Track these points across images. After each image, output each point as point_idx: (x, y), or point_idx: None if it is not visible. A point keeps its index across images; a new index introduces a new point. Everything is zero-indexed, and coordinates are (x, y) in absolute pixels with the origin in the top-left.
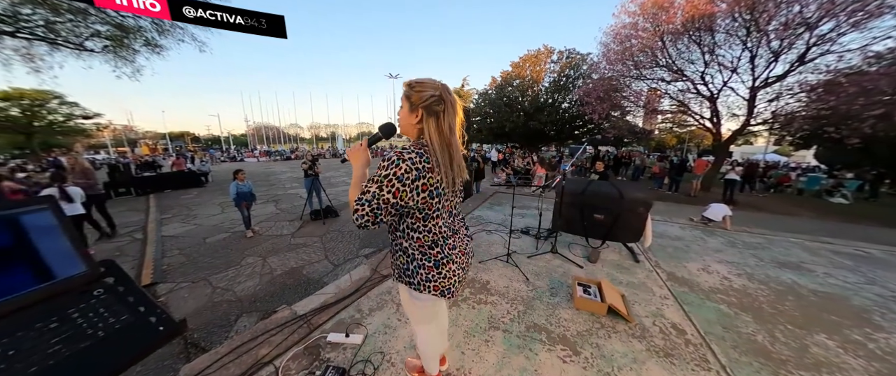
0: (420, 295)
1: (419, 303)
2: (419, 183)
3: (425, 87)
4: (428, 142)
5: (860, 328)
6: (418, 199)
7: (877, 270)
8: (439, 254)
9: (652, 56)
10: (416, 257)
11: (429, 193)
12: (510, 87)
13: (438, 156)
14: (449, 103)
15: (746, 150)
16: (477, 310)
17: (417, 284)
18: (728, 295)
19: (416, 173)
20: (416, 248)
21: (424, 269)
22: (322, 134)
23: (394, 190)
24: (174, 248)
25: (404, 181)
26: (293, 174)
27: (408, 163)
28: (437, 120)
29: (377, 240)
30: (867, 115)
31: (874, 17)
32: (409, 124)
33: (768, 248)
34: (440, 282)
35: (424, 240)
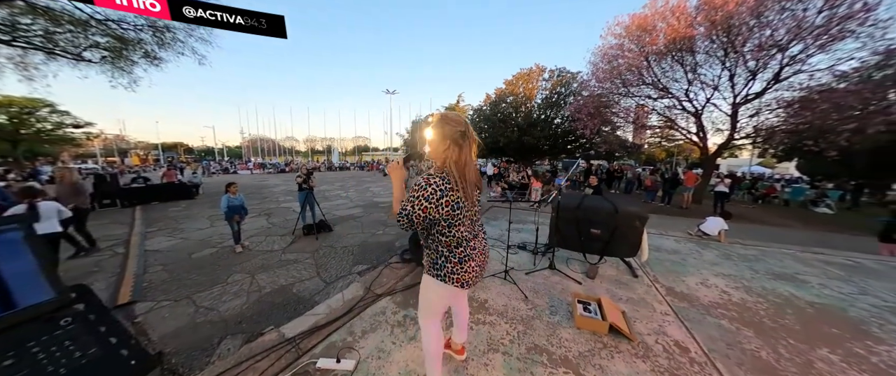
0: (444, 284)
1: (440, 292)
2: (443, 200)
3: (455, 123)
4: (450, 167)
5: (860, 340)
6: (443, 213)
7: (869, 280)
8: (462, 253)
9: (638, 74)
10: (444, 253)
11: (451, 207)
12: (504, 104)
13: (457, 178)
14: (469, 137)
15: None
16: (475, 331)
17: (444, 276)
18: (728, 310)
19: (440, 193)
20: (446, 248)
21: (451, 263)
22: (318, 147)
23: (423, 207)
24: (157, 264)
25: (430, 200)
26: (287, 187)
27: (433, 186)
28: (459, 150)
29: (371, 256)
30: (842, 129)
31: (837, 40)
32: (439, 149)
33: (763, 260)
34: (462, 274)
35: (451, 241)
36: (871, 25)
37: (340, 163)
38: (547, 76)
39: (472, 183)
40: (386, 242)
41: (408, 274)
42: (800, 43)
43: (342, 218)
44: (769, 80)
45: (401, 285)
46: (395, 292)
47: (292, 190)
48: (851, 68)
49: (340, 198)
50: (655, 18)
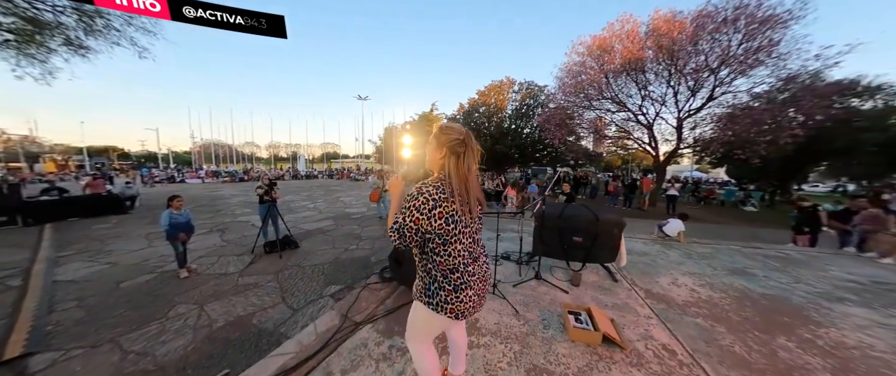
0: (436, 315)
1: (430, 321)
2: (435, 211)
3: (452, 132)
4: (447, 176)
5: (805, 326)
6: (436, 226)
7: (798, 270)
8: (458, 279)
9: (599, 89)
10: (437, 278)
11: (445, 220)
12: (477, 114)
13: (455, 188)
14: (470, 147)
15: (676, 169)
16: (470, 356)
17: (435, 305)
18: (700, 308)
19: (432, 203)
20: (439, 271)
21: (444, 291)
22: (282, 153)
23: (414, 218)
24: (70, 299)
25: (422, 210)
26: (245, 198)
27: (424, 195)
28: (457, 159)
29: (345, 275)
30: (760, 141)
31: (752, 67)
32: (435, 158)
33: (717, 257)
34: (457, 305)
35: (446, 264)
36: (776, 57)
37: (307, 170)
38: (517, 88)
39: (473, 196)
40: (361, 258)
41: (389, 295)
42: (726, 68)
43: (310, 232)
44: (705, 98)
45: (382, 309)
46: (377, 318)
47: (251, 201)
48: (763, 90)
49: (307, 209)
50: (613, 40)
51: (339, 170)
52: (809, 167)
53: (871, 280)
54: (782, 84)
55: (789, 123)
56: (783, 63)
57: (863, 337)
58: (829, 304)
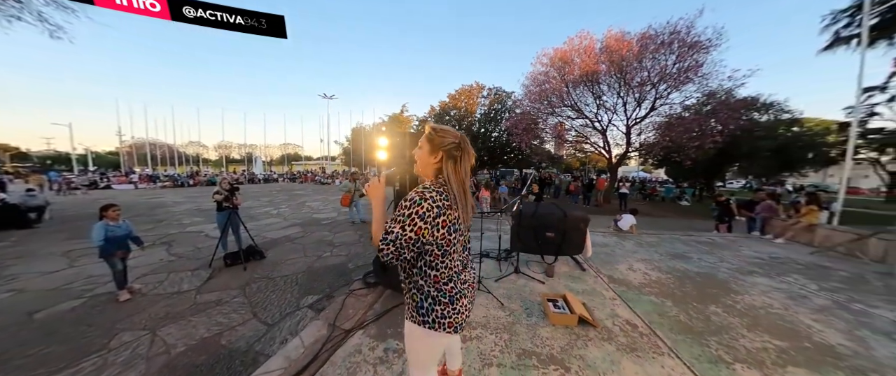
0: (434, 333)
1: (430, 342)
2: (440, 220)
3: (447, 135)
4: (447, 181)
5: (728, 295)
6: (438, 235)
7: (722, 252)
8: (453, 290)
9: (560, 97)
10: (431, 294)
11: (447, 229)
12: (448, 117)
13: (456, 195)
14: (466, 151)
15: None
16: (465, 349)
17: (432, 322)
18: (652, 287)
19: (437, 210)
20: (433, 285)
21: (440, 305)
22: (235, 155)
23: (416, 228)
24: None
25: (426, 219)
26: (193, 205)
27: (429, 201)
28: (455, 163)
29: (322, 284)
30: (690, 145)
31: (684, 83)
32: (428, 163)
33: (662, 245)
34: (454, 317)
35: (441, 276)
36: (700, 76)
37: (265, 173)
38: (486, 93)
39: (469, 202)
40: (337, 266)
41: (376, 299)
42: (664, 83)
43: (276, 240)
44: (648, 108)
45: (371, 314)
46: (367, 324)
47: (200, 209)
48: (692, 103)
49: (270, 216)
50: (572, 53)
51: (303, 173)
52: (726, 167)
53: (770, 256)
54: (705, 99)
55: (711, 131)
56: (705, 81)
57: (765, 299)
58: (743, 277)
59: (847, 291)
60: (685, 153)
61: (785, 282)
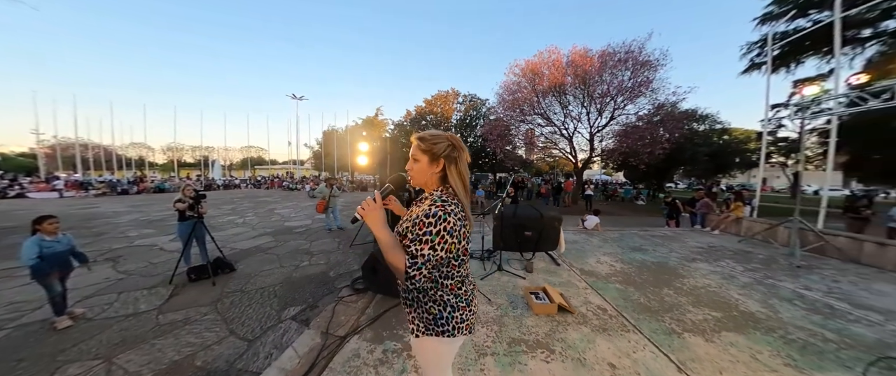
0: (454, 339)
1: (449, 348)
2: (462, 231)
3: (441, 139)
4: (455, 187)
5: (678, 279)
6: (460, 247)
7: (671, 244)
8: (468, 293)
9: (531, 106)
10: (450, 302)
11: (466, 239)
12: (424, 121)
13: (463, 200)
14: (460, 148)
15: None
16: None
17: (452, 329)
18: (617, 276)
19: (460, 223)
20: (451, 293)
21: (459, 311)
22: (187, 158)
23: (447, 246)
24: None
25: (454, 234)
26: (140, 215)
27: (453, 215)
28: (456, 165)
29: (303, 294)
30: (644, 152)
31: (637, 96)
32: (431, 174)
33: (623, 240)
34: (471, 318)
35: (456, 284)
36: (651, 90)
37: (224, 179)
38: (461, 100)
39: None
40: (317, 274)
41: (368, 304)
42: (621, 96)
43: (246, 251)
44: (608, 117)
45: (365, 319)
46: (362, 328)
47: (149, 219)
48: (644, 114)
49: (235, 225)
50: (542, 66)
51: (269, 179)
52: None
53: (708, 245)
54: (655, 110)
55: (660, 139)
56: (655, 95)
57: (705, 280)
58: (688, 263)
59: (763, 270)
60: (640, 158)
61: (719, 265)
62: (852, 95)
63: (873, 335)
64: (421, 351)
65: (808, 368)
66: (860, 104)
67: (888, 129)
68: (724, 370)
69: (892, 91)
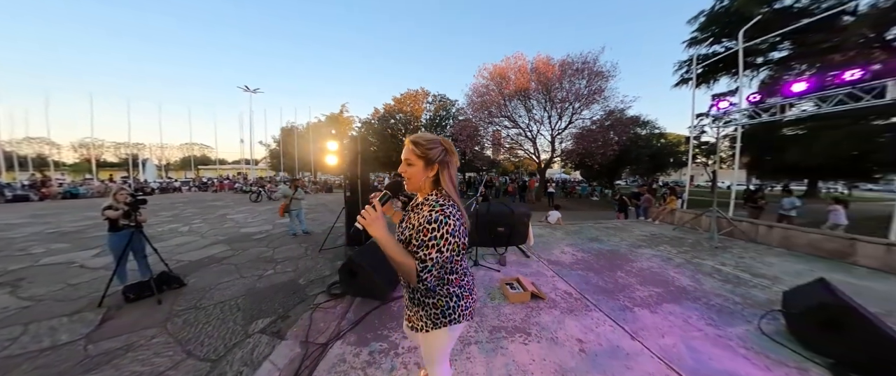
0: (458, 326)
1: (452, 335)
2: (462, 228)
3: (435, 144)
4: (447, 190)
5: (628, 263)
6: (461, 244)
7: (621, 233)
8: (469, 283)
9: (499, 108)
10: (455, 293)
11: (465, 236)
12: (393, 120)
13: (456, 200)
14: (451, 152)
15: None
16: None
17: (458, 317)
18: (579, 264)
19: (459, 223)
20: (455, 286)
21: (463, 300)
22: (109, 157)
23: (451, 246)
24: None
25: (455, 234)
26: (44, 227)
27: (453, 218)
28: (448, 169)
29: (271, 305)
30: (597, 152)
31: (592, 102)
32: (426, 177)
33: (582, 232)
34: (472, 304)
35: (459, 277)
36: (603, 98)
37: (160, 181)
38: (431, 99)
39: None
40: (285, 283)
41: (347, 309)
42: (578, 102)
43: (197, 263)
44: (567, 121)
45: (346, 324)
46: (343, 333)
47: (58, 232)
48: (597, 119)
49: (180, 234)
50: (508, 70)
51: (217, 180)
52: (622, 169)
53: (651, 234)
54: (606, 116)
55: (611, 142)
56: (606, 102)
57: (649, 263)
58: (636, 249)
59: (691, 252)
60: (594, 158)
61: (659, 250)
62: (750, 110)
63: (764, 295)
64: (428, 344)
65: (722, 325)
66: (756, 117)
67: (775, 137)
68: (666, 334)
69: (775, 108)
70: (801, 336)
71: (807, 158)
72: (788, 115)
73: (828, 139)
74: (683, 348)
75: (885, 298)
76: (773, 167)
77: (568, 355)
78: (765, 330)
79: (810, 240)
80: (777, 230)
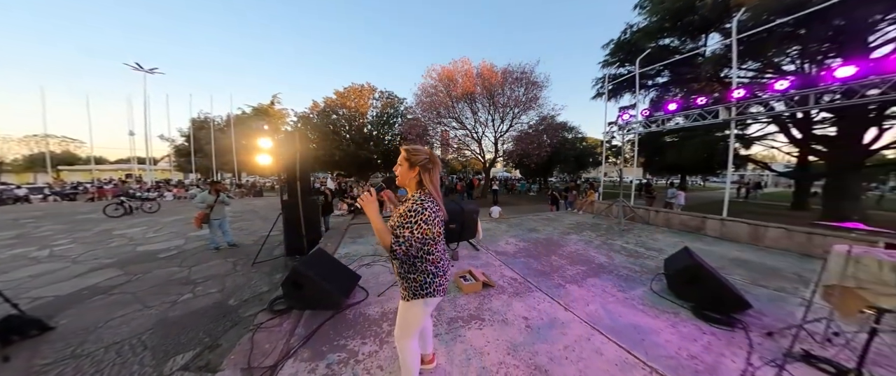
0: (432, 299)
1: (426, 309)
2: (435, 219)
3: (420, 153)
4: (429, 189)
5: (560, 248)
6: (435, 232)
7: (554, 223)
8: (444, 265)
9: (447, 109)
10: (431, 271)
11: (440, 225)
12: (336, 115)
13: (436, 197)
14: (434, 162)
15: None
16: None
17: (433, 291)
18: (521, 253)
19: (433, 214)
20: (433, 265)
21: (437, 278)
22: None
23: (423, 230)
24: None
25: (429, 222)
26: None
27: (429, 210)
28: (430, 174)
29: (192, 334)
30: (533, 154)
31: (529, 109)
32: (410, 177)
33: (522, 224)
34: (444, 283)
35: (436, 258)
36: (538, 105)
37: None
38: (377, 96)
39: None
40: (209, 307)
41: (296, 324)
42: (518, 107)
43: (69, 298)
44: (508, 125)
45: (296, 339)
46: (295, 350)
47: None
48: (533, 123)
49: (35, 261)
50: (456, 73)
51: (95, 185)
52: (553, 168)
53: (577, 222)
54: (540, 121)
55: (544, 144)
56: (540, 109)
57: (575, 247)
58: (566, 236)
59: (605, 235)
60: (531, 158)
61: (583, 236)
62: (644, 121)
63: (654, 263)
64: (405, 311)
65: (628, 289)
66: (648, 127)
67: (660, 143)
68: (590, 302)
69: (659, 120)
70: (675, 289)
71: (679, 159)
72: (668, 127)
73: (691, 146)
74: (603, 311)
75: (721, 257)
76: (659, 166)
77: (516, 332)
78: (654, 289)
79: (682, 220)
80: (662, 214)
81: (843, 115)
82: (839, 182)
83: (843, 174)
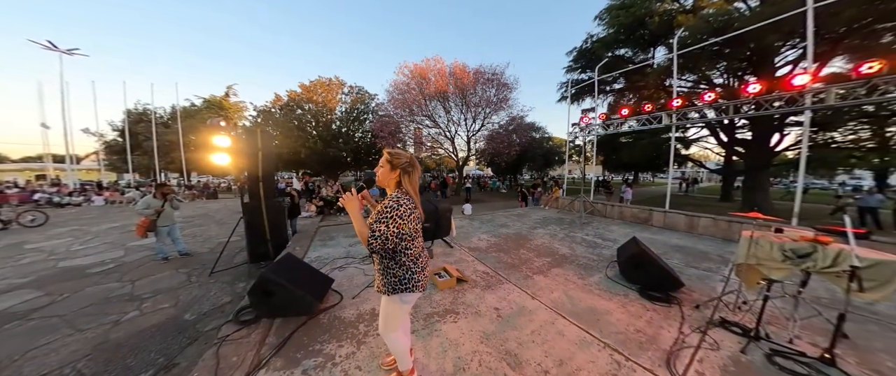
0: (411, 295)
1: (406, 306)
2: (411, 216)
3: (401, 157)
4: (408, 190)
5: (529, 242)
6: (411, 228)
7: (523, 219)
8: (423, 261)
9: (420, 107)
10: (409, 267)
11: (416, 222)
12: (301, 110)
13: (415, 198)
14: (415, 166)
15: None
16: None
17: (412, 287)
18: (492, 248)
19: (409, 211)
20: (411, 260)
21: (415, 274)
22: None
23: (398, 224)
24: None
25: (404, 217)
26: None
27: (404, 206)
28: (409, 176)
29: (142, 355)
30: (504, 152)
31: (500, 109)
32: (390, 178)
33: (493, 221)
34: (423, 279)
35: (413, 253)
36: (508, 105)
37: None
38: (347, 90)
39: (419, 201)
40: (163, 323)
41: (266, 333)
42: (489, 107)
43: None
44: (480, 124)
45: (267, 349)
46: (266, 360)
47: None
48: (504, 123)
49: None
50: (429, 71)
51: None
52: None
53: (543, 217)
54: (510, 121)
55: (514, 143)
56: (510, 109)
57: (542, 240)
58: (534, 230)
59: (568, 228)
60: (502, 157)
61: (548, 229)
62: (602, 124)
63: (609, 252)
64: (387, 306)
65: (587, 277)
66: (606, 129)
67: (616, 143)
68: (554, 290)
69: (615, 123)
70: (626, 274)
71: (632, 158)
72: (622, 129)
73: (641, 146)
74: (565, 298)
75: (664, 244)
76: (616, 164)
77: (488, 322)
78: (609, 275)
79: (633, 213)
80: (617, 208)
81: (755, 122)
82: (753, 178)
83: (755, 171)
